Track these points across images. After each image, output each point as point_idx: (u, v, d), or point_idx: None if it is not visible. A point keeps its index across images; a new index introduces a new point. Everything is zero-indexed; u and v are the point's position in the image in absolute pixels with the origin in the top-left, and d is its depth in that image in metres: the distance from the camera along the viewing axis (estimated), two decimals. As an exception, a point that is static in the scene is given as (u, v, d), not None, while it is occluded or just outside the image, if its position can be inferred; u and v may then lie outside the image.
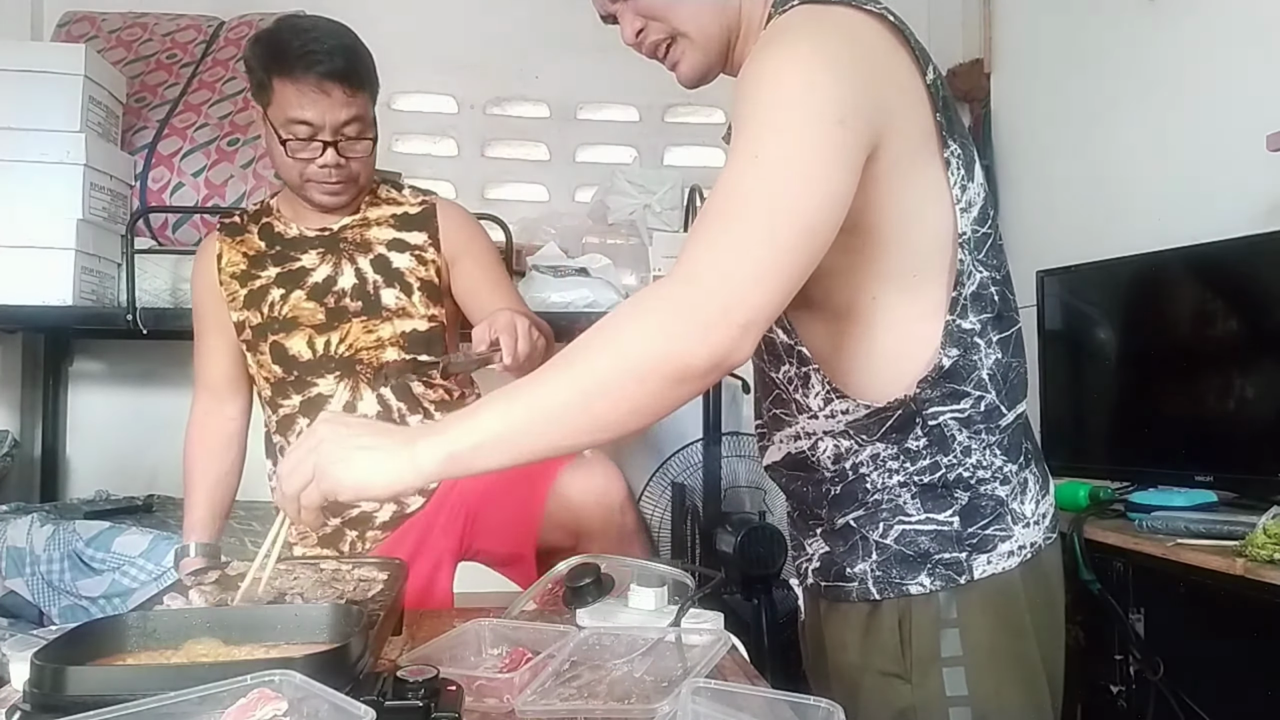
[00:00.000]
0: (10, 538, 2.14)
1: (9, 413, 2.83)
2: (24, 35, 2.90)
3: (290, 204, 1.65)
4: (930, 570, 1.04)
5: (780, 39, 0.95)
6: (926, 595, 1.03)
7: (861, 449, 1.07)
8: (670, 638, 1.11)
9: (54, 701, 0.75)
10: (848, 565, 1.09)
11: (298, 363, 1.59)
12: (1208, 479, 1.89)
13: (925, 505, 1.05)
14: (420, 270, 1.62)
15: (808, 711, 0.82)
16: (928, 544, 1.04)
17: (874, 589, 1.06)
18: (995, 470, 1.05)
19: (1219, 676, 1.67)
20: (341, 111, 1.50)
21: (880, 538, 1.07)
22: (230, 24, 2.93)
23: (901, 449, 1.05)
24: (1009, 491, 1.06)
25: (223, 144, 2.59)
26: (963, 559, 1.04)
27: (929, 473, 1.05)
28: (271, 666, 0.73)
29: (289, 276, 1.61)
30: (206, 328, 1.69)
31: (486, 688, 0.97)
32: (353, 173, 1.56)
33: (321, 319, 1.59)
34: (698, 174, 3.05)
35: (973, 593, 1.03)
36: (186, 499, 1.68)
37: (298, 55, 1.48)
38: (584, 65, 3.16)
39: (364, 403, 1.58)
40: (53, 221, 2.20)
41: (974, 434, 1.04)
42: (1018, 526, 1.06)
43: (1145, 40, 2.42)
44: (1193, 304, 1.98)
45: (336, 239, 1.62)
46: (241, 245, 1.66)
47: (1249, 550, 1.56)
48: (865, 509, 1.08)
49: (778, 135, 0.89)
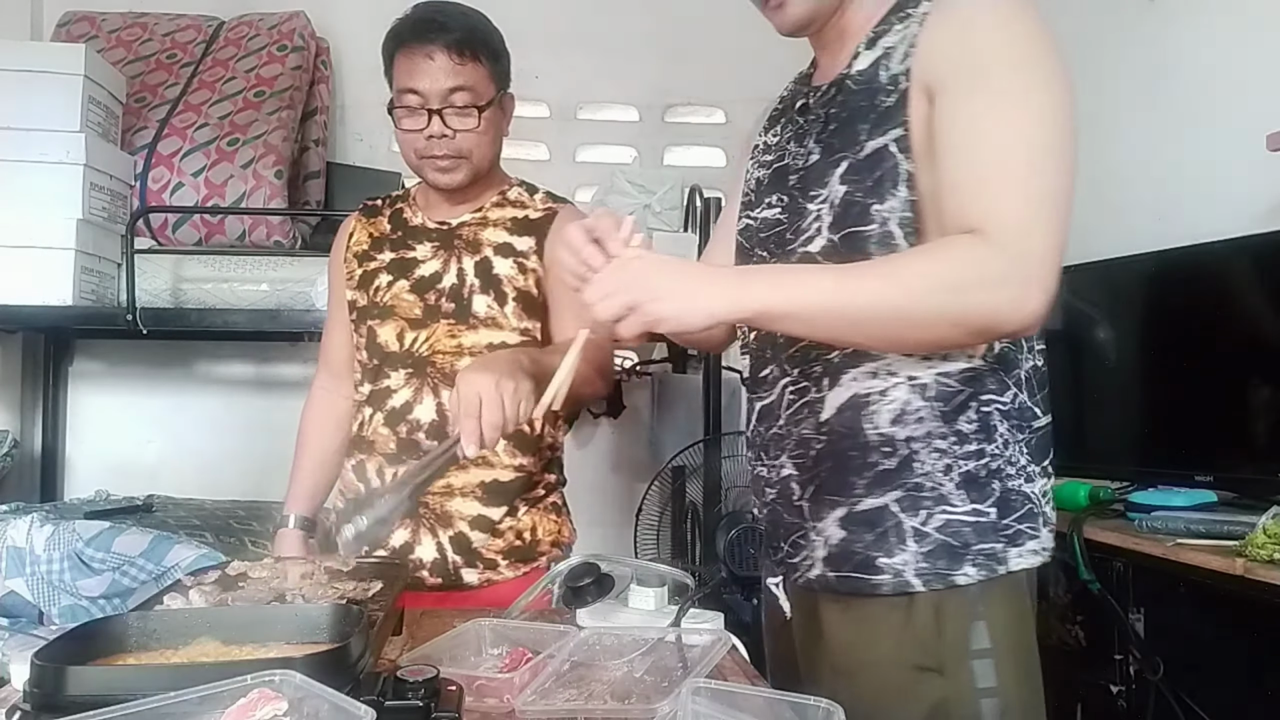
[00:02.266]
0: (10, 538, 2.14)
1: (9, 413, 2.82)
2: (24, 35, 2.90)
3: (425, 192, 1.64)
4: (973, 560, 1.04)
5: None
6: (964, 587, 1.03)
7: (924, 421, 1.05)
8: (670, 638, 1.11)
9: (54, 701, 0.75)
10: (878, 555, 1.06)
11: (383, 352, 1.56)
12: (1208, 479, 1.89)
13: (970, 494, 1.05)
14: (519, 279, 1.54)
15: (807, 711, 0.83)
16: (969, 534, 1.04)
17: (915, 580, 1.04)
18: (1022, 469, 1.07)
19: (1219, 676, 1.67)
20: (446, 79, 1.48)
21: (921, 525, 1.05)
22: (230, 24, 2.93)
23: (953, 429, 1.05)
24: (1036, 491, 1.08)
25: (223, 144, 2.59)
26: (999, 550, 1.04)
27: (974, 459, 1.05)
28: (271, 666, 0.73)
29: (400, 264, 1.59)
30: (333, 305, 1.70)
31: (486, 688, 0.97)
32: (461, 148, 1.52)
33: (417, 314, 1.55)
34: (698, 174, 3.05)
35: (1002, 584, 1.04)
36: (293, 472, 1.67)
37: (411, 28, 1.50)
38: (584, 65, 3.17)
39: (422, 406, 1.52)
40: (53, 221, 2.19)
41: (1012, 428, 1.06)
42: (1045, 529, 1.08)
43: (1145, 40, 2.42)
44: (1192, 304, 1.98)
45: (452, 235, 1.58)
46: (372, 226, 1.65)
47: (1249, 550, 1.56)
48: (906, 491, 1.06)
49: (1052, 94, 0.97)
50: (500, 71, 1.57)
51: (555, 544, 1.59)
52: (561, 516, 1.62)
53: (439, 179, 1.54)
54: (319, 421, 1.70)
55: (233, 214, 2.53)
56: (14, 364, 2.85)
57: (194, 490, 2.66)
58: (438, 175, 1.54)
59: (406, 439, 1.52)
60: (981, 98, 0.97)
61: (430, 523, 1.51)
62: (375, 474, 1.54)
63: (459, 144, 1.51)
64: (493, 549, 1.52)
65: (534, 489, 1.58)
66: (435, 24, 1.49)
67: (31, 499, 2.62)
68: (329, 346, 1.72)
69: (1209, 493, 1.87)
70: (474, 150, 1.53)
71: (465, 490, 1.51)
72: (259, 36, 2.86)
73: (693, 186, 2.85)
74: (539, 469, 1.58)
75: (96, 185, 2.28)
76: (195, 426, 2.88)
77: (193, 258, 2.45)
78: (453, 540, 1.51)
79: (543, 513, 1.58)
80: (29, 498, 2.64)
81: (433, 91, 1.49)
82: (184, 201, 2.52)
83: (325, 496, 1.69)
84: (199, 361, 2.97)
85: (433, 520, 1.51)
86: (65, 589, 2.09)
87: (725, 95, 3.24)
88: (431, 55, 1.48)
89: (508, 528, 1.53)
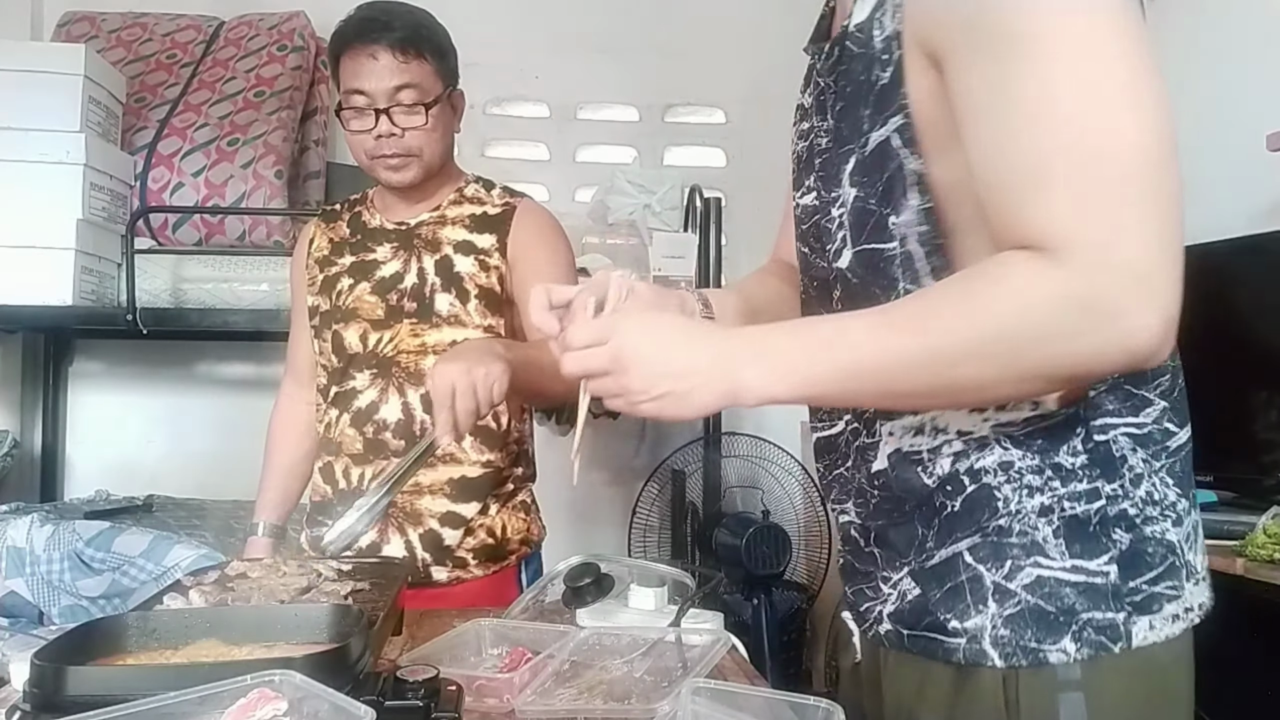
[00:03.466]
0: (10, 538, 2.13)
1: (9, 413, 2.83)
2: (24, 35, 2.90)
3: (382, 194, 1.65)
4: (1077, 634, 0.79)
5: None
6: (1056, 666, 0.79)
7: (992, 447, 0.82)
8: (670, 638, 1.11)
9: (54, 701, 0.75)
10: (951, 617, 0.83)
11: (347, 354, 1.57)
12: (1208, 479, 1.89)
13: (1072, 546, 0.80)
14: (481, 277, 1.55)
15: (807, 711, 0.83)
16: (1073, 598, 0.79)
17: (994, 653, 0.81)
18: (1168, 507, 0.82)
19: (1219, 676, 1.67)
20: (391, 78, 1.49)
21: (1005, 580, 0.81)
22: (230, 24, 2.93)
23: (1049, 463, 0.81)
24: (1182, 535, 0.82)
25: (223, 144, 2.59)
26: (1120, 621, 0.79)
27: (1084, 501, 0.80)
28: (271, 666, 0.73)
29: (360, 267, 1.59)
30: (296, 311, 1.71)
31: (486, 688, 0.97)
32: (411, 146, 1.52)
33: (380, 315, 1.56)
34: (698, 174, 3.06)
35: (1122, 663, 0.79)
36: (262, 479, 1.69)
37: (355, 28, 1.51)
38: (584, 65, 3.17)
39: (388, 406, 1.53)
40: (53, 221, 2.19)
41: (1150, 456, 0.81)
42: (1189, 583, 0.82)
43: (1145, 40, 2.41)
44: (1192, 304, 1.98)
45: (411, 235, 1.59)
46: (331, 231, 1.66)
47: (1249, 550, 1.56)
48: (984, 536, 0.82)
49: (1117, 29, 0.69)
50: (447, 68, 1.57)
51: (524, 542, 1.60)
52: (530, 515, 1.63)
53: (391, 178, 1.55)
54: (286, 428, 1.71)
55: (233, 214, 2.53)
56: (14, 364, 2.86)
57: (194, 490, 2.67)
58: (389, 174, 1.55)
59: (373, 439, 1.53)
60: (1011, 58, 0.70)
61: (399, 521, 1.52)
62: (342, 475, 1.55)
63: (408, 142, 1.52)
64: (464, 547, 1.53)
65: (503, 484, 1.58)
66: (378, 23, 1.50)
67: (31, 499, 2.62)
68: (294, 353, 1.73)
69: (1209, 493, 1.87)
70: (424, 148, 1.54)
71: (434, 488, 1.52)
72: (259, 36, 2.86)
73: (693, 186, 2.85)
74: (507, 464, 1.58)
75: (96, 185, 2.28)
76: (195, 426, 2.88)
77: (193, 258, 2.45)
78: (422, 538, 1.51)
79: (512, 511, 1.59)
80: (29, 498, 2.64)
81: (379, 91, 1.50)
82: (184, 201, 2.52)
83: (295, 503, 1.70)
84: (199, 361, 2.98)
85: (401, 518, 1.52)
86: (65, 589, 2.09)
87: (725, 95, 3.24)
88: (376, 55, 1.49)
89: (479, 525, 1.54)
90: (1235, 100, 2.14)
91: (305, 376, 1.69)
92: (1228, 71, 2.18)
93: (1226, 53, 2.20)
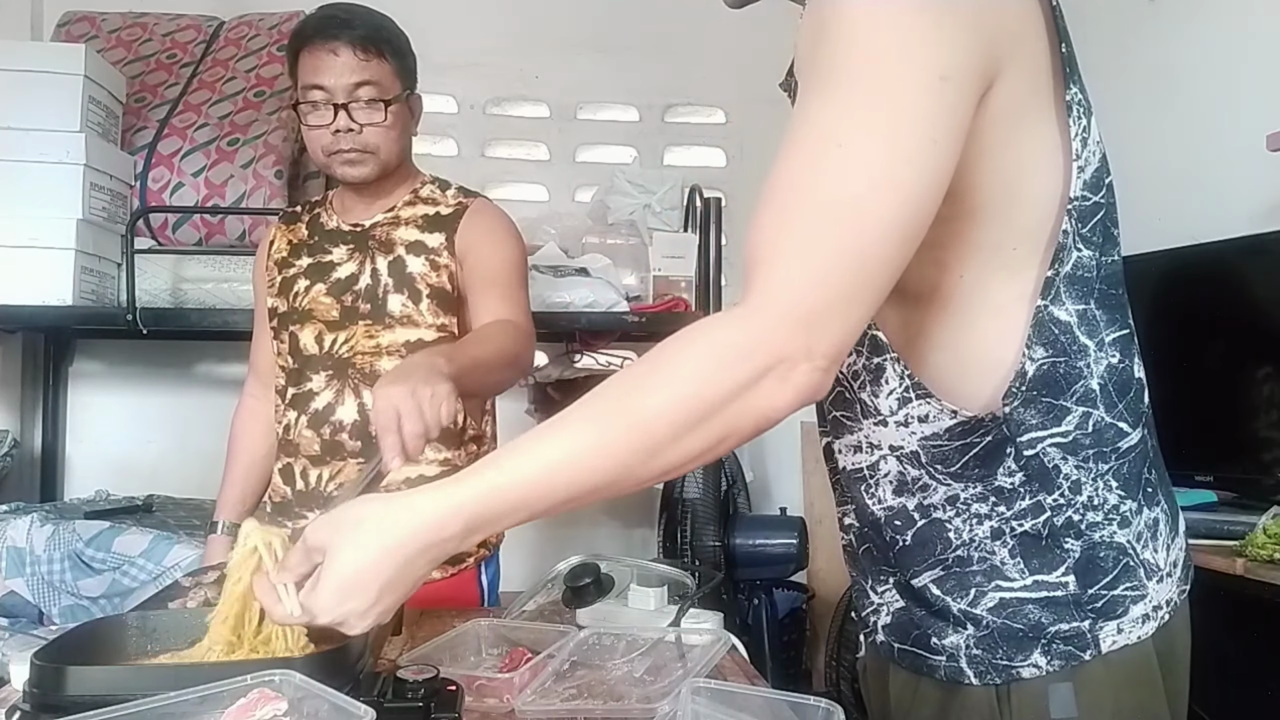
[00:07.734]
0: (10, 538, 2.14)
1: (9, 413, 2.82)
2: (24, 35, 2.90)
3: (341, 196, 1.66)
4: (1045, 647, 0.81)
5: None
6: (1031, 680, 0.82)
7: (935, 487, 0.84)
8: (670, 638, 1.11)
9: (54, 701, 0.75)
10: (934, 634, 0.86)
11: (304, 355, 1.58)
12: (1208, 479, 1.89)
13: (1030, 563, 0.82)
14: (432, 276, 1.56)
15: (807, 711, 0.83)
16: (1037, 613, 0.82)
17: (969, 670, 0.83)
18: (1110, 510, 0.83)
19: (1219, 676, 1.67)
20: (351, 74, 1.50)
21: (970, 607, 0.84)
22: (230, 24, 2.93)
23: (990, 488, 0.83)
24: (1132, 535, 0.83)
25: (223, 144, 2.59)
26: (1086, 629, 0.81)
27: (1029, 517, 0.82)
28: (271, 666, 0.73)
29: (317, 269, 1.61)
30: (258, 312, 1.72)
31: (486, 688, 0.97)
32: (368, 143, 1.53)
33: (334, 316, 1.57)
34: (698, 174, 3.05)
35: (1097, 668, 0.81)
36: (223, 478, 1.72)
37: (314, 26, 1.53)
38: (584, 65, 3.17)
39: (344, 408, 1.54)
40: (53, 221, 2.19)
41: (1082, 462, 0.82)
42: (1152, 582, 0.83)
43: (1145, 40, 2.42)
44: (1192, 304, 1.98)
45: (366, 236, 1.60)
46: (291, 233, 1.67)
47: (1249, 550, 1.56)
48: (946, 569, 0.85)
49: (866, 111, 0.70)
50: (406, 70, 1.58)
51: (483, 544, 1.60)
52: None
53: (347, 173, 1.56)
54: (248, 428, 1.73)
55: (233, 214, 2.53)
56: (14, 364, 2.85)
57: (194, 490, 2.66)
58: (345, 169, 1.56)
59: (330, 440, 1.54)
60: (800, 107, 0.73)
61: None
62: (301, 476, 1.56)
63: (365, 138, 1.53)
64: None
65: None
66: (339, 20, 1.52)
67: (31, 499, 2.62)
68: (256, 353, 1.74)
69: (1209, 493, 1.87)
70: (380, 145, 1.55)
71: (391, 488, 1.51)
72: (259, 36, 2.86)
73: (693, 186, 2.84)
74: (465, 462, 1.58)
75: (96, 185, 2.28)
76: (195, 426, 2.87)
77: (193, 258, 2.45)
78: None
79: None
80: (29, 498, 2.64)
81: (338, 86, 1.51)
82: (184, 201, 2.52)
83: (256, 502, 1.70)
84: (199, 361, 2.97)
85: None
86: (65, 589, 2.09)
87: (725, 95, 3.24)
88: (336, 51, 1.51)
89: None
90: (1235, 100, 2.14)
91: (267, 377, 1.69)
92: (1228, 71, 2.18)
93: (1226, 53, 2.20)
